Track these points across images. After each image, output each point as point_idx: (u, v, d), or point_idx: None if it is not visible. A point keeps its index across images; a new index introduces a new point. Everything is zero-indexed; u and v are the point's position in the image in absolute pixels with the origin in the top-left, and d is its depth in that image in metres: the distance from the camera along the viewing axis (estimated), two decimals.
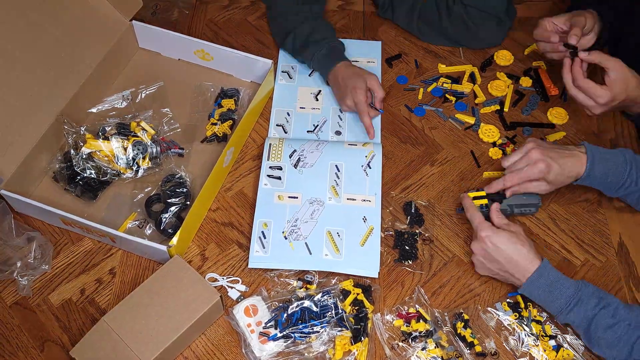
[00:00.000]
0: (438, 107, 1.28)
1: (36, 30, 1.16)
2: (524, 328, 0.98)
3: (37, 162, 1.14)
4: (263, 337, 0.97)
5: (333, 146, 1.18)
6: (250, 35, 1.41)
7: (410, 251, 1.07)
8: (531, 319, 0.99)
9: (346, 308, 1.00)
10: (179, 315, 0.94)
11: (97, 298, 1.05)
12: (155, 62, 1.35)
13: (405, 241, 1.08)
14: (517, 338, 0.98)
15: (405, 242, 1.08)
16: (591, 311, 0.91)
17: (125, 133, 1.15)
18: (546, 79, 1.30)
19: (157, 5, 1.44)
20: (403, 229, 1.10)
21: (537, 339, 0.97)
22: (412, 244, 1.08)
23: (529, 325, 0.98)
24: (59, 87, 1.17)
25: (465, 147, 1.22)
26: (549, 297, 0.95)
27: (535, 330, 0.98)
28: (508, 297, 1.02)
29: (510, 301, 1.02)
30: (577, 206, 1.14)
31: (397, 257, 1.07)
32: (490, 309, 1.01)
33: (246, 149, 1.22)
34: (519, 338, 0.97)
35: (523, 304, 1.01)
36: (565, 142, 1.22)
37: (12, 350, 0.99)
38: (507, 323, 0.99)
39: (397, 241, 1.09)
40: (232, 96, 1.27)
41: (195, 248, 1.10)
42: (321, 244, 1.07)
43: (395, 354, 0.97)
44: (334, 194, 1.12)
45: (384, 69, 1.34)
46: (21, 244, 1.06)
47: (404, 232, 1.10)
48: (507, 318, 1.00)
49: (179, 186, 1.12)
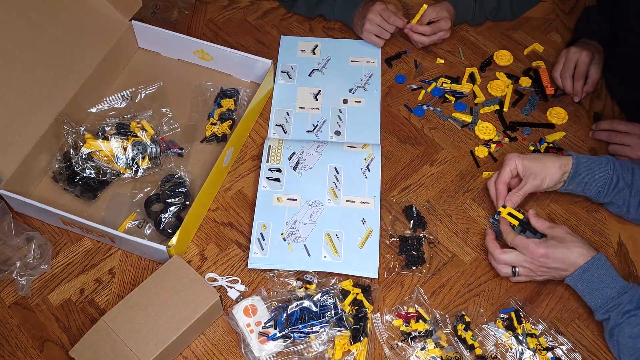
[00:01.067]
0: (437, 107, 1.28)
1: (36, 30, 1.16)
2: (520, 344, 0.97)
3: (37, 162, 1.14)
4: (262, 337, 0.97)
5: (332, 148, 1.18)
6: (250, 35, 1.41)
7: (417, 256, 1.07)
8: (526, 334, 0.98)
9: (345, 308, 1.00)
10: (178, 315, 0.94)
11: (97, 298, 1.05)
12: (155, 62, 1.35)
13: (410, 246, 1.08)
14: (514, 354, 0.97)
15: (411, 247, 1.08)
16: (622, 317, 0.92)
17: (125, 133, 1.15)
18: (546, 79, 1.30)
19: (157, 5, 1.44)
20: (407, 234, 1.10)
21: (534, 354, 0.96)
22: (418, 248, 1.08)
23: (524, 340, 0.98)
24: (59, 87, 1.17)
25: (465, 147, 1.22)
26: (589, 294, 0.96)
27: (532, 345, 0.97)
28: (500, 314, 1.01)
29: (504, 317, 1.01)
30: (576, 206, 1.14)
31: (405, 264, 1.06)
32: (484, 326, 1.00)
33: (246, 149, 1.22)
34: (516, 354, 0.97)
35: (516, 321, 0.99)
36: (565, 142, 1.22)
37: (11, 350, 0.99)
38: (502, 341, 0.98)
39: (403, 247, 1.08)
40: (232, 96, 1.27)
41: (195, 248, 1.10)
42: (320, 246, 1.07)
43: (394, 354, 0.97)
44: (333, 197, 1.13)
45: (384, 69, 1.34)
46: (20, 244, 1.06)
47: (408, 237, 1.09)
48: (501, 336, 0.99)
49: (178, 186, 1.12)
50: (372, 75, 1.32)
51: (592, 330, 1.00)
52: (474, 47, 1.38)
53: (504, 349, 0.98)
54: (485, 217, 1.13)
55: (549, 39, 1.39)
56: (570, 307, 1.03)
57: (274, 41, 1.39)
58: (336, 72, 1.33)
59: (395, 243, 1.09)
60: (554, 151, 1.20)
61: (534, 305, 1.03)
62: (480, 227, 1.12)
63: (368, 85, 1.30)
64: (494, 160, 1.20)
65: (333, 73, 1.33)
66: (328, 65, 1.34)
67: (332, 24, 1.41)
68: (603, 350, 0.98)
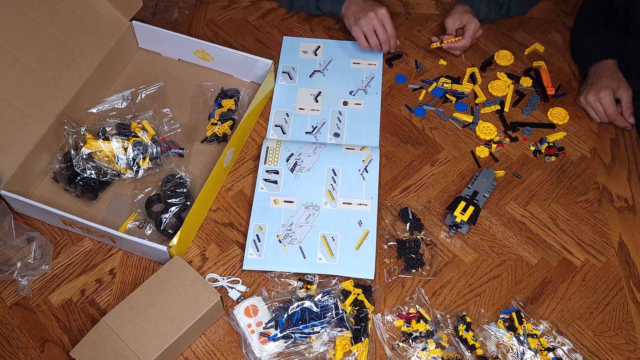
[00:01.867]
0: (438, 107, 1.28)
1: (36, 31, 1.16)
2: (522, 344, 0.97)
3: (37, 163, 1.14)
4: (263, 338, 0.97)
5: (330, 150, 1.18)
6: (251, 36, 1.41)
7: (416, 259, 1.07)
8: (527, 334, 0.98)
9: (346, 308, 1.00)
10: (179, 316, 0.94)
11: (98, 298, 1.05)
12: (155, 62, 1.35)
13: (408, 249, 1.08)
14: (515, 354, 0.97)
15: (409, 250, 1.08)
16: None
17: (126, 133, 1.15)
18: (546, 79, 1.30)
19: (157, 6, 1.44)
20: (404, 237, 1.10)
21: (535, 354, 0.96)
22: (416, 251, 1.08)
23: (525, 341, 0.97)
24: (59, 88, 1.17)
25: (466, 147, 1.22)
26: None
27: (533, 346, 0.97)
28: (502, 314, 1.01)
29: (505, 317, 1.01)
30: (577, 206, 1.14)
31: (404, 267, 1.06)
32: (485, 326, 1.00)
33: (246, 149, 1.22)
34: (517, 354, 0.97)
35: (517, 321, 0.99)
36: (566, 142, 1.22)
37: (12, 351, 0.99)
38: (503, 342, 0.98)
39: (401, 251, 1.08)
40: (232, 96, 1.27)
41: (196, 248, 1.10)
42: (315, 248, 1.07)
43: (395, 355, 0.97)
44: (329, 199, 1.12)
45: (384, 69, 1.34)
46: (21, 245, 1.06)
47: (405, 240, 1.09)
48: (502, 337, 0.98)
49: (179, 186, 1.12)
50: (373, 78, 1.32)
51: (594, 330, 1.00)
52: (475, 47, 1.38)
53: (505, 350, 0.98)
54: (486, 218, 1.13)
55: (549, 39, 1.39)
56: (571, 307, 1.03)
57: (274, 41, 1.39)
58: (337, 74, 1.33)
59: (393, 247, 1.09)
60: (554, 151, 1.20)
61: (535, 306, 1.03)
62: (481, 227, 1.12)
63: (369, 87, 1.30)
64: (495, 160, 1.20)
65: (334, 74, 1.32)
66: (329, 67, 1.34)
67: (332, 24, 1.41)
68: (604, 351, 0.98)
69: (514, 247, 1.10)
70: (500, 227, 1.12)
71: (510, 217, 1.13)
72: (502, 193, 1.16)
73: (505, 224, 1.12)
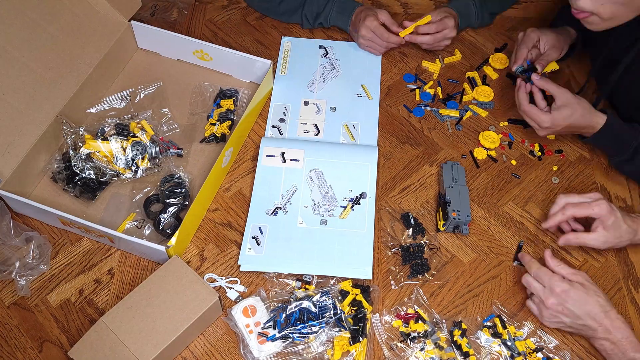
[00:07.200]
0: (436, 107, 1.28)
1: (35, 30, 1.16)
2: (509, 349, 0.97)
3: (36, 163, 1.14)
4: (261, 338, 0.97)
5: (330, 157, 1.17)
6: (249, 36, 1.41)
7: (421, 264, 1.06)
8: (513, 338, 0.98)
9: (345, 308, 1.00)
10: (177, 316, 0.94)
11: (96, 298, 1.05)
12: (154, 62, 1.35)
13: (413, 255, 1.07)
14: None
15: (414, 256, 1.07)
16: None
17: (124, 133, 1.15)
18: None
19: (156, 6, 1.44)
20: (408, 243, 1.09)
21: (525, 358, 0.96)
22: (420, 256, 1.07)
23: (513, 345, 0.97)
24: (58, 88, 1.17)
25: (465, 148, 1.22)
26: None
27: (521, 349, 0.97)
28: (484, 322, 1.00)
29: (489, 324, 1.00)
30: None
31: (410, 273, 1.06)
32: (472, 337, 0.99)
33: (245, 149, 1.22)
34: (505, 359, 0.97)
35: (501, 326, 0.99)
36: (565, 143, 1.22)
37: (10, 351, 0.99)
38: (492, 350, 0.97)
39: (405, 257, 1.07)
40: (231, 96, 1.27)
41: (194, 248, 1.10)
42: (312, 249, 1.07)
43: (393, 355, 0.97)
44: (328, 199, 1.13)
45: (384, 69, 1.34)
46: (20, 244, 1.06)
47: (409, 246, 1.09)
48: (489, 345, 0.98)
49: (177, 186, 1.12)
50: (373, 79, 1.31)
51: None
52: (474, 47, 1.38)
53: (495, 358, 0.97)
54: (485, 218, 1.13)
55: None
56: None
57: (273, 41, 1.39)
58: (337, 74, 1.33)
59: (397, 253, 1.09)
60: (550, 154, 1.20)
61: (516, 308, 1.02)
62: (479, 228, 1.12)
63: (368, 89, 1.30)
64: (494, 161, 1.20)
65: (334, 75, 1.32)
66: (329, 67, 1.33)
67: None
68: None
69: (512, 248, 1.09)
70: (499, 227, 1.12)
71: (509, 217, 1.13)
72: (501, 193, 1.16)
73: (504, 225, 1.12)
